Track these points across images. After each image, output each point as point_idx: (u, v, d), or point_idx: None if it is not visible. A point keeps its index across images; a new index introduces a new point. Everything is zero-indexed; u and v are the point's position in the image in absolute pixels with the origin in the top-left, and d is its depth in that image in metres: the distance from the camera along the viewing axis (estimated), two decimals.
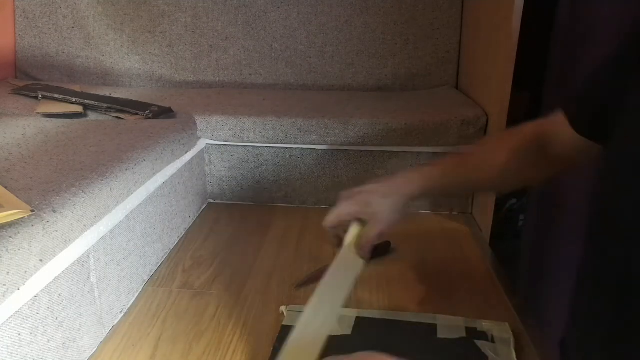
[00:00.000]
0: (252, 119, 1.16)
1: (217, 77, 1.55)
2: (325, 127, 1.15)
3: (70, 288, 0.66)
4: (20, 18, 1.55)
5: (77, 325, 0.68)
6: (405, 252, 1.01)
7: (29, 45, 1.57)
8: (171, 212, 1.01)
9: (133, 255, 0.84)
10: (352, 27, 1.50)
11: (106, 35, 1.54)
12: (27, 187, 0.67)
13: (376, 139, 1.14)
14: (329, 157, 1.20)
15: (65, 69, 1.57)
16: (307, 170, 1.21)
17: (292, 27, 1.52)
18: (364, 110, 1.20)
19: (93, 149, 0.86)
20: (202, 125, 1.16)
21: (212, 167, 1.23)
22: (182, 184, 1.06)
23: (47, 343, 0.61)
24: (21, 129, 0.96)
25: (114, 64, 1.55)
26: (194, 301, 0.84)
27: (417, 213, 1.21)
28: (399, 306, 0.83)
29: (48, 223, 0.59)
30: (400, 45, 1.50)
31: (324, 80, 1.53)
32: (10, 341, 0.55)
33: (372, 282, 0.90)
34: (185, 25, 1.53)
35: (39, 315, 0.60)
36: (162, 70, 1.55)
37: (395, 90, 1.52)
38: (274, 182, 1.23)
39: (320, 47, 1.52)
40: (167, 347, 0.73)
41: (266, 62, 1.54)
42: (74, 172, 0.73)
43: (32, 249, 0.56)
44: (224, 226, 1.13)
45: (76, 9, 1.53)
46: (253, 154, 1.21)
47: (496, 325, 0.76)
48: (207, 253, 1.00)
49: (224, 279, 0.91)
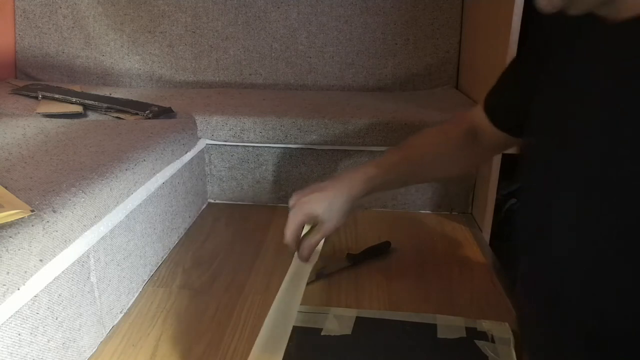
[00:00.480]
0: (252, 118, 1.16)
1: (217, 77, 1.55)
2: (325, 127, 1.15)
3: (70, 288, 0.66)
4: (20, 18, 1.55)
5: (77, 325, 0.68)
6: (406, 252, 1.01)
7: (29, 45, 1.57)
8: (171, 212, 1.01)
9: (133, 255, 0.84)
10: (352, 27, 1.50)
11: (106, 35, 1.54)
12: (27, 187, 0.67)
13: (376, 139, 1.14)
14: (329, 157, 1.20)
15: (65, 69, 1.57)
16: (307, 170, 1.21)
17: (292, 27, 1.52)
18: (364, 110, 1.20)
19: (93, 149, 0.86)
20: (202, 125, 1.16)
21: (212, 167, 1.23)
22: (182, 184, 1.06)
23: (47, 343, 0.61)
24: (21, 129, 0.96)
25: (114, 64, 1.55)
26: (194, 301, 0.84)
27: (417, 213, 1.21)
28: (399, 306, 0.83)
29: (48, 223, 0.59)
30: (400, 45, 1.50)
31: (324, 80, 1.54)
32: (10, 341, 0.55)
33: (373, 282, 0.90)
34: (185, 25, 1.53)
35: (39, 315, 0.60)
36: (162, 70, 1.55)
37: (395, 90, 1.52)
38: (274, 182, 1.23)
39: (320, 47, 1.52)
40: (167, 347, 0.73)
41: (266, 62, 1.54)
42: (74, 172, 0.73)
43: (32, 249, 0.56)
44: (224, 226, 1.13)
45: (76, 9, 1.53)
46: (253, 154, 1.21)
47: (496, 325, 0.76)
48: (207, 253, 1.00)
49: (224, 279, 0.91)
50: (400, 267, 0.95)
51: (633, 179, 0.43)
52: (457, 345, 0.73)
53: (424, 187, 1.20)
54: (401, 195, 1.21)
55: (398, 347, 0.73)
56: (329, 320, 0.78)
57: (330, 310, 0.81)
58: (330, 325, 0.77)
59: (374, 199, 1.22)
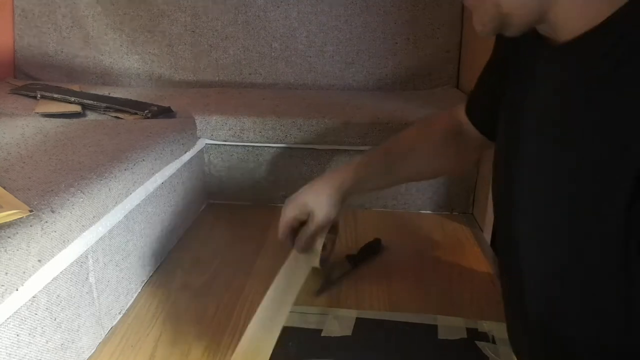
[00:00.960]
0: (252, 118, 1.15)
1: (216, 77, 1.55)
2: (325, 127, 1.14)
3: (68, 289, 0.66)
4: (19, 17, 1.55)
5: (75, 326, 0.67)
6: (406, 252, 1.01)
7: (27, 45, 1.56)
8: (170, 212, 1.00)
9: (132, 255, 0.84)
10: (352, 27, 1.50)
11: (105, 34, 1.53)
12: (26, 187, 0.66)
13: (376, 139, 1.14)
14: (329, 157, 1.20)
15: (64, 68, 1.56)
16: (307, 170, 1.21)
17: (291, 27, 1.51)
18: (364, 110, 1.20)
19: (92, 148, 0.86)
20: (201, 125, 1.16)
21: (211, 167, 1.23)
22: (181, 184, 1.06)
23: (46, 344, 0.61)
24: (20, 129, 0.95)
25: (113, 63, 1.55)
26: (193, 301, 0.84)
27: (417, 213, 1.21)
28: (400, 306, 0.83)
29: (46, 223, 0.59)
30: (400, 44, 1.50)
31: (324, 80, 1.53)
32: (8, 342, 0.55)
33: (373, 283, 0.90)
34: (185, 24, 1.53)
35: (37, 316, 0.59)
36: (161, 69, 1.55)
37: (395, 89, 1.52)
38: (273, 182, 1.23)
39: (320, 47, 1.52)
40: (166, 348, 0.73)
41: (266, 62, 1.54)
42: (72, 172, 0.73)
43: (30, 250, 0.56)
44: (223, 226, 1.12)
45: (75, 9, 1.52)
46: (253, 153, 1.21)
47: (497, 326, 0.76)
48: (207, 253, 1.00)
49: (224, 279, 0.91)
50: (400, 267, 0.95)
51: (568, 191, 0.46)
52: (457, 346, 0.73)
53: (424, 187, 1.20)
54: (401, 195, 1.21)
55: (399, 348, 0.73)
56: (329, 321, 0.78)
57: (330, 311, 0.80)
58: (330, 326, 0.76)
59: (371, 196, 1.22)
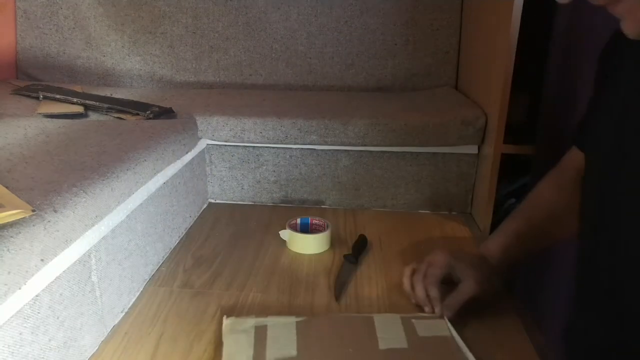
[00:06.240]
0: (253, 119, 1.16)
1: (217, 78, 1.56)
2: (325, 127, 1.15)
3: (71, 287, 0.66)
4: (22, 19, 1.56)
5: (78, 324, 0.68)
6: (405, 252, 1.01)
7: (30, 46, 1.57)
8: (172, 211, 1.01)
9: (134, 254, 0.85)
10: (352, 28, 1.51)
11: (107, 35, 1.54)
12: (29, 187, 0.67)
13: (376, 139, 1.14)
14: (329, 157, 1.20)
15: (66, 69, 1.57)
16: (307, 170, 1.21)
17: (292, 28, 1.52)
18: (364, 110, 1.21)
19: (94, 149, 0.86)
20: (202, 126, 1.16)
21: (212, 167, 1.24)
22: (182, 183, 1.07)
23: (49, 342, 0.62)
24: (22, 129, 0.96)
25: (115, 64, 1.56)
26: (194, 301, 0.85)
27: (416, 213, 1.21)
28: (400, 306, 0.83)
29: (49, 223, 0.60)
30: (399, 45, 1.51)
31: (324, 81, 1.54)
32: (11, 340, 0.55)
33: (372, 283, 0.90)
34: (186, 26, 1.53)
35: (40, 314, 0.60)
36: (162, 70, 1.55)
37: (395, 90, 1.52)
38: (274, 182, 1.23)
39: (320, 48, 1.52)
40: (168, 346, 0.73)
41: (266, 63, 1.54)
42: (75, 172, 0.73)
43: (33, 249, 0.56)
44: (224, 226, 1.13)
45: (77, 10, 1.53)
46: (253, 154, 1.21)
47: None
48: (208, 253, 1.00)
49: (225, 279, 0.91)
50: (399, 267, 0.95)
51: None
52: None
53: (423, 187, 1.21)
54: (401, 195, 1.22)
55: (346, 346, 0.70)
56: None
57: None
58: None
59: (370, 196, 1.22)
